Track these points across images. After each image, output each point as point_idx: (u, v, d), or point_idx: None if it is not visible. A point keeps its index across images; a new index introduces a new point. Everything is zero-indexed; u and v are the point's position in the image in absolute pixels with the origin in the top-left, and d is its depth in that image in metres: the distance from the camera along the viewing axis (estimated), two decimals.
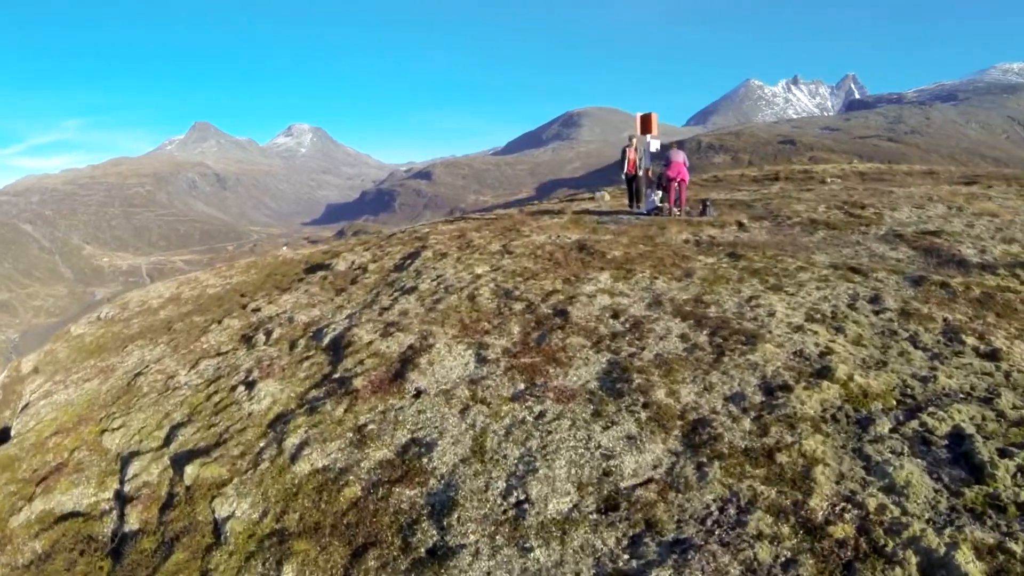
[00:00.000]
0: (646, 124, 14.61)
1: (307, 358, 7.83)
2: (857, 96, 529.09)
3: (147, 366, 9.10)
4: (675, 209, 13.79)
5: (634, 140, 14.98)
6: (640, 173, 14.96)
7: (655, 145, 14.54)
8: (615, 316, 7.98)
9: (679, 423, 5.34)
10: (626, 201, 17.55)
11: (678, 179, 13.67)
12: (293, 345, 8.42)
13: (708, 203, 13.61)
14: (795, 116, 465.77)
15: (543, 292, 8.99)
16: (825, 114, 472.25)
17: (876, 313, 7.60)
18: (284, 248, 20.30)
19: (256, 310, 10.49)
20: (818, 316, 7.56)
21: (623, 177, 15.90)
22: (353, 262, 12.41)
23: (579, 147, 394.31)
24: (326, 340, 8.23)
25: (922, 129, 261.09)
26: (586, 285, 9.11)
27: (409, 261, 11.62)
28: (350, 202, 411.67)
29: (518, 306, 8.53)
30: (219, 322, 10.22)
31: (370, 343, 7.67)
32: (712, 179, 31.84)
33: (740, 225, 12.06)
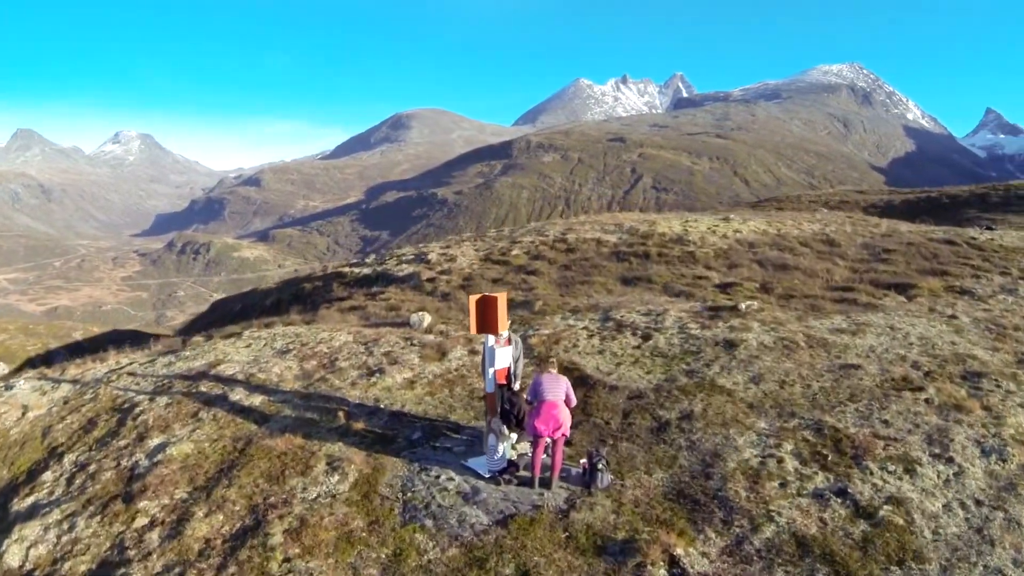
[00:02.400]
0: (485, 316, 7.44)
1: None
2: (685, 95, 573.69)
3: None
4: (542, 475, 6.98)
5: (506, 334, 7.79)
6: (513, 386, 7.95)
7: (503, 358, 7.53)
8: None
9: None
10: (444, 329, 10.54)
11: (556, 435, 6.92)
12: None
13: (598, 462, 7.21)
14: (624, 114, 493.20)
15: None
16: (654, 112, 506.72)
17: None
18: (22, 381, 11.83)
19: None
20: None
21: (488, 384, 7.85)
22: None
23: (408, 149, 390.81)
24: None
25: (748, 126, 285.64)
26: None
27: None
28: (180, 211, 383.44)
29: None
30: None
31: None
32: (563, 249, 25.28)
33: (673, 569, 6.00)
